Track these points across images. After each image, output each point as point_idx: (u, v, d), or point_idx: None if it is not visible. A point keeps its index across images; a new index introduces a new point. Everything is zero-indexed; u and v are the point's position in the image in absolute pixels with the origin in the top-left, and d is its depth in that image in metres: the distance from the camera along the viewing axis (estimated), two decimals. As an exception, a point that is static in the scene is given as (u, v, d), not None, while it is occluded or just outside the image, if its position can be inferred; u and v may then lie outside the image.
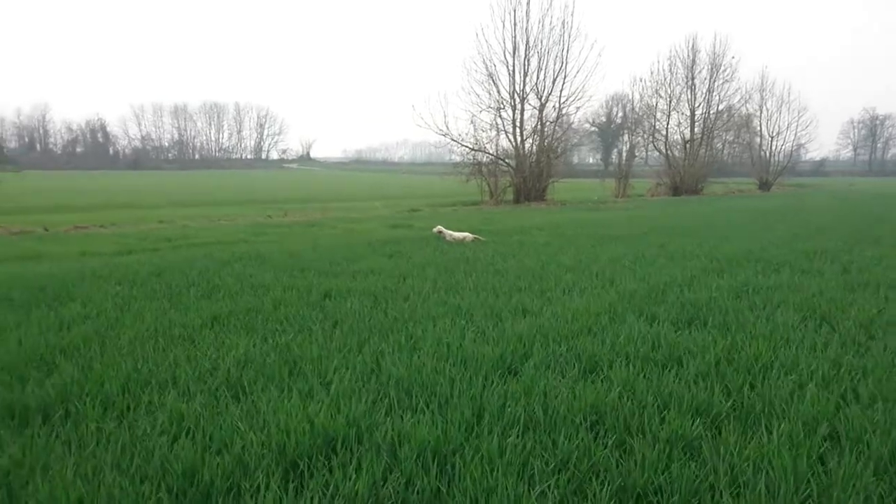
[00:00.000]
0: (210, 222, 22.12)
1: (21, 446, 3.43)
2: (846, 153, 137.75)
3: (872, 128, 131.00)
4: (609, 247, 12.61)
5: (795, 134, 62.96)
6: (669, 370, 4.69)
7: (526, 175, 35.63)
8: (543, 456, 3.36)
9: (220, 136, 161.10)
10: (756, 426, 3.76)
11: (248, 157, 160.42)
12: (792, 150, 64.77)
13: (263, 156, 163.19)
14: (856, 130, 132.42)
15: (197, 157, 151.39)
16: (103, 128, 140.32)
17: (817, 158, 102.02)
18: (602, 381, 4.46)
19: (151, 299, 7.37)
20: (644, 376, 4.55)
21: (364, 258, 10.96)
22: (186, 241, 15.19)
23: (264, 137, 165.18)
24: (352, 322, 6.16)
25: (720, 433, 3.66)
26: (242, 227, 19.72)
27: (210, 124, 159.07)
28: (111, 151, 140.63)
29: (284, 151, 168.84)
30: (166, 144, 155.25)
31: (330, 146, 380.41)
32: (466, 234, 14.08)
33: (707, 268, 9.62)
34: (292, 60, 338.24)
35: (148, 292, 7.75)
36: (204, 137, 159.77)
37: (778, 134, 62.94)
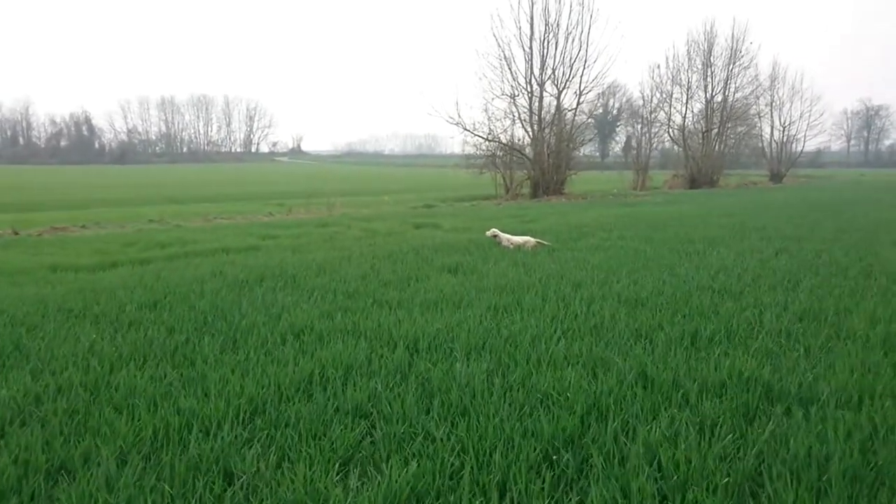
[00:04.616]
0: (206, 221, 19.35)
1: None
2: (839, 144, 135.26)
3: (867, 118, 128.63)
4: (717, 255, 10.05)
5: (808, 124, 60.85)
6: None
7: (544, 167, 33.02)
8: None
9: (209, 129, 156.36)
10: None
11: (238, 150, 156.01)
12: (804, 141, 62.61)
13: (253, 149, 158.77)
14: (849, 121, 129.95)
15: (185, 150, 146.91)
16: (88, 121, 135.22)
17: (812, 149, 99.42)
18: None
19: (145, 358, 4.74)
20: None
21: (423, 276, 8.34)
22: (184, 247, 12.44)
23: (254, 130, 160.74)
24: (496, 421, 3.54)
25: None
26: (246, 227, 16.97)
27: (198, 117, 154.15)
28: (97, 145, 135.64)
29: (275, 144, 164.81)
30: (153, 138, 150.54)
31: (320, 139, 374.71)
32: (528, 238, 11.48)
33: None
34: (281, 53, 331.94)
35: (139, 343, 5.11)
36: (192, 130, 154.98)
37: (790, 124, 60.72)
